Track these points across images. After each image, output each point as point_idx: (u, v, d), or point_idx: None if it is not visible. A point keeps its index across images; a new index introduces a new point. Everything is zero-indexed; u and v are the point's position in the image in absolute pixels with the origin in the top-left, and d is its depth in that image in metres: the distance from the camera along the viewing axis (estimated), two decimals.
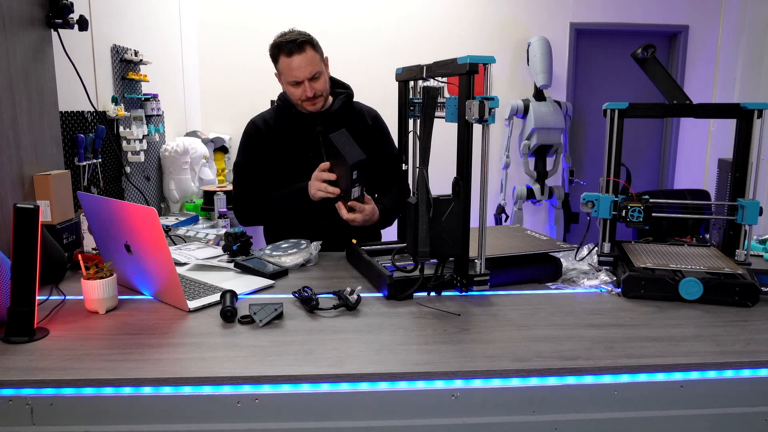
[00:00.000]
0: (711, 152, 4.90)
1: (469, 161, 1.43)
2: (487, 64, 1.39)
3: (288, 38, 1.84)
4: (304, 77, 1.86)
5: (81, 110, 2.60)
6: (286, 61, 1.85)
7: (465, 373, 1.08)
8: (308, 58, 1.85)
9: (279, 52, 1.86)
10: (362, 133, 2.00)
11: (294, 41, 1.83)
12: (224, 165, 4.38)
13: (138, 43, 3.31)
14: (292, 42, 1.83)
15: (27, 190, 1.80)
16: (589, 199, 1.66)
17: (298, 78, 1.86)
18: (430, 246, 1.41)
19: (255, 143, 1.98)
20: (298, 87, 1.88)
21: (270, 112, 2.04)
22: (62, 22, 2.01)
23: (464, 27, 4.66)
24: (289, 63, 1.84)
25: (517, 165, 4.64)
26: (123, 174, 3.05)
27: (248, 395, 1.06)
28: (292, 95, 1.92)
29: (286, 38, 1.84)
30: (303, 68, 1.85)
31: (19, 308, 1.20)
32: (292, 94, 1.91)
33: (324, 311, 1.37)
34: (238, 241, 1.80)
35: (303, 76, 1.85)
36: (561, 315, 1.37)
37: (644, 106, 1.67)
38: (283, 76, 1.90)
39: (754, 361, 1.13)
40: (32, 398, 1.04)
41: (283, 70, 1.88)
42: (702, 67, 4.83)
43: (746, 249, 1.67)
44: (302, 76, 1.85)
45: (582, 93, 4.92)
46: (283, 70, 1.88)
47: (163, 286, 1.41)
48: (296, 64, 1.84)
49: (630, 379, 1.11)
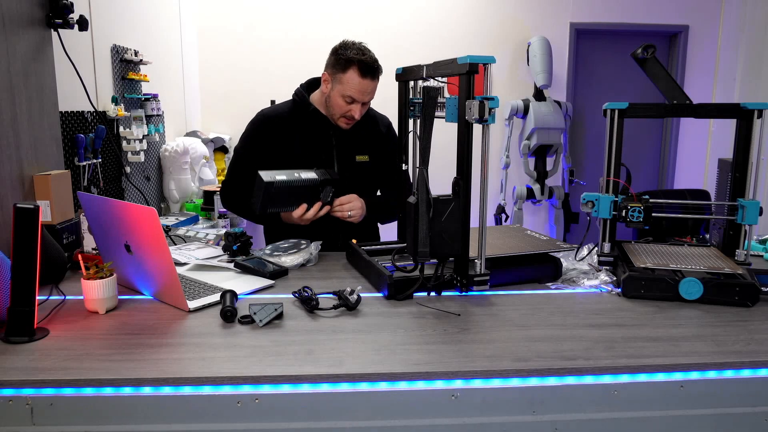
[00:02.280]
0: (711, 152, 4.90)
1: (469, 161, 1.43)
2: (487, 64, 1.39)
3: (367, 59, 1.83)
4: (362, 101, 1.87)
5: (81, 110, 2.60)
6: (355, 78, 1.84)
7: (465, 373, 1.08)
8: (374, 87, 1.88)
9: (352, 66, 1.83)
10: (374, 139, 2.05)
11: (372, 66, 1.84)
12: (224, 165, 4.38)
13: (138, 43, 3.31)
14: (371, 66, 1.84)
15: (27, 190, 1.80)
16: (589, 199, 1.66)
17: (356, 98, 1.86)
18: (430, 246, 1.41)
19: (261, 135, 1.97)
20: (349, 104, 1.88)
21: (285, 106, 2.02)
22: (62, 22, 2.00)
23: (464, 27, 4.66)
24: (360, 83, 1.84)
25: (517, 165, 4.64)
26: (123, 174, 3.05)
27: (248, 395, 1.06)
28: (336, 107, 1.90)
29: (366, 58, 1.83)
30: (366, 93, 1.87)
31: (19, 308, 1.20)
32: (339, 106, 1.89)
33: (324, 311, 1.37)
34: (238, 241, 1.80)
35: (361, 99, 1.87)
36: (561, 315, 1.37)
37: (644, 106, 1.67)
38: (341, 86, 1.86)
39: (754, 361, 1.13)
40: (32, 398, 1.04)
41: (346, 82, 1.85)
42: (702, 67, 4.83)
43: (746, 249, 1.67)
44: (360, 99, 1.87)
45: (582, 93, 4.92)
46: (346, 82, 1.85)
47: (163, 286, 1.41)
48: (363, 87, 1.85)
49: (630, 379, 1.11)
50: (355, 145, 2.02)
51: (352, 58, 1.83)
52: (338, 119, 1.93)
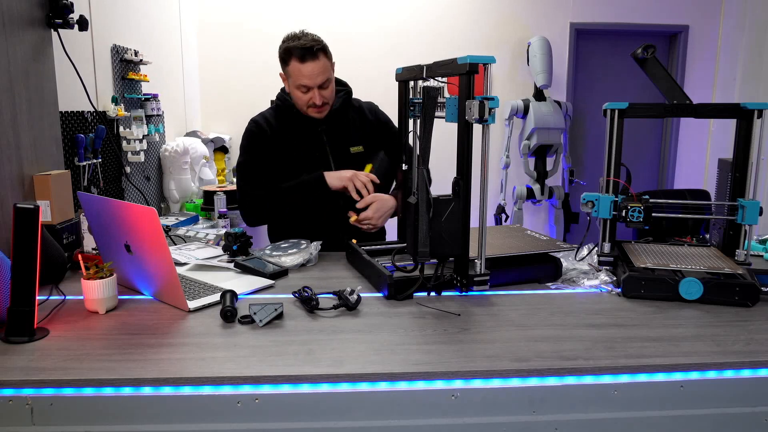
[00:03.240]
0: (711, 152, 4.90)
1: (469, 161, 1.43)
2: (487, 64, 1.39)
3: (302, 43, 1.79)
4: (315, 85, 1.83)
5: (81, 110, 2.60)
6: (297, 67, 1.81)
7: (465, 373, 1.08)
8: (321, 66, 1.81)
9: (290, 56, 1.81)
10: (364, 128, 2.03)
11: (309, 48, 1.78)
12: (224, 165, 4.38)
13: (138, 43, 3.31)
14: (307, 48, 1.79)
15: (27, 190, 1.80)
16: (589, 199, 1.66)
17: (307, 85, 1.83)
18: (430, 246, 1.41)
19: (258, 142, 1.96)
20: (306, 93, 1.85)
21: (270, 111, 2.02)
22: (62, 22, 2.01)
23: (464, 27, 4.66)
24: (301, 69, 1.80)
25: (517, 165, 4.64)
26: (123, 174, 3.05)
27: (248, 395, 1.06)
28: (298, 100, 1.89)
29: (300, 43, 1.79)
30: (314, 76, 1.81)
31: (19, 308, 1.20)
32: (299, 98, 1.88)
33: (324, 311, 1.37)
34: (238, 241, 1.80)
35: (313, 84, 1.83)
36: (561, 315, 1.37)
37: (644, 106, 1.67)
38: (291, 79, 1.86)
39: (754, 361, 1.13)
40: (32, 398, 1.04)
41: (292, 74, 1.84)
42: (702, 67, 4.83)
43: (746, 249, 1.67)
44: (312, 84, 1.83)
45: (582, 93, 4.92)
46: (292, 74, 1.84)
47: (163, 286, 1.41)
48: (308, 71, 1.80)
49: (630, 379, 1.11)
50: (346, 138, 2.00)
51: (287, 47, 1.81)
52: (307, 111, 1.90)
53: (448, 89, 1.55)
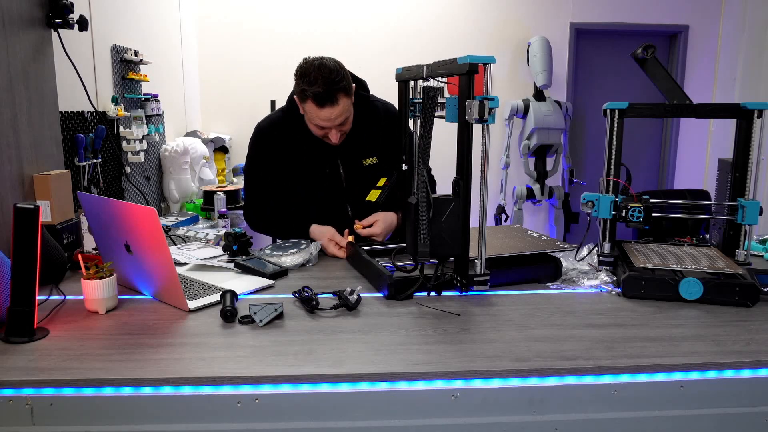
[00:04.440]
0: (711, 152, 4.90)
1: (469, 161, 1.43)
2: (487, 64, 1.39)
3: (322, 88, 1.66)
4: (332, 126, 1.77)
5: (81, 110, 2.60)
6: (314, 110, 1.71)
7: (465, 373, 1.08)
8: (339, 110, 1.72)
9: (307, 99, 1.71)
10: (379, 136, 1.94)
11: (330, 93, 1.67)
12: (224, 165, 4.38)
13: (138, 43, 3.31)
14: (328, 94, 1.67)
15: (27, 190, 1.80)
16: (589, 199, 1.66)
17: (325, 126, 1.77)
18: (430, 246, 1.41)
19: (264, 148, 1.92)
20: (323, 129, 1.79)
21: (278, 114, 1.95)
22: (62, 22, 2.01)
23: (464, 27, 4.66)
24: (318, 113, 1.71)
25: (517, 165, 4.64)
26: (123, 174, 3.05)
27: (248, 395, 1.06)
28: (313, 130, 1.81)
29: (319, 87, 1.66)
30: (333, 119, 1.74)
31: (19, 308, 1.20)
32: (315, 131, 1.81)
33: (324, 311, 1.37)
34: (238, 241, 1.80)
35: (331, 126, 1.77)
36: (561, 315, 1.37)
37: (644, 106, 1.67)
38: (308, 116, 1.78)
39: (754, 361, 1.13)
40: (32, 398, 1.04)
41: (308, 112, 1.75)
42: (702, 67, 4.83)
43: (746, 249, 1.67)
44: (330, 126, 1.76)
45: (582, 93, 4.92)
46: (308, 112, 1.75)
47: (163, 286, 1.41)
48: (325, 116, 1.72)
49: (630, 379, 1.11)
50: (359, 149, 1.93)
51: (304, 90, 1.69)
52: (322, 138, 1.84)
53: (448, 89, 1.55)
